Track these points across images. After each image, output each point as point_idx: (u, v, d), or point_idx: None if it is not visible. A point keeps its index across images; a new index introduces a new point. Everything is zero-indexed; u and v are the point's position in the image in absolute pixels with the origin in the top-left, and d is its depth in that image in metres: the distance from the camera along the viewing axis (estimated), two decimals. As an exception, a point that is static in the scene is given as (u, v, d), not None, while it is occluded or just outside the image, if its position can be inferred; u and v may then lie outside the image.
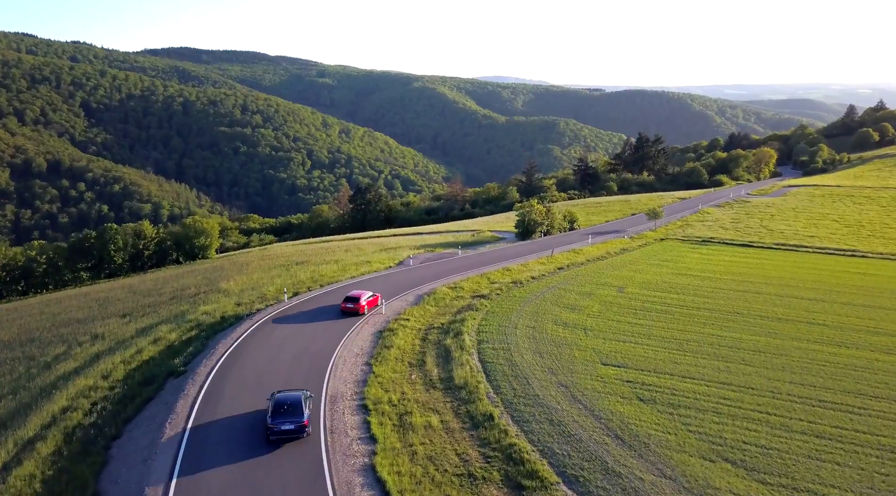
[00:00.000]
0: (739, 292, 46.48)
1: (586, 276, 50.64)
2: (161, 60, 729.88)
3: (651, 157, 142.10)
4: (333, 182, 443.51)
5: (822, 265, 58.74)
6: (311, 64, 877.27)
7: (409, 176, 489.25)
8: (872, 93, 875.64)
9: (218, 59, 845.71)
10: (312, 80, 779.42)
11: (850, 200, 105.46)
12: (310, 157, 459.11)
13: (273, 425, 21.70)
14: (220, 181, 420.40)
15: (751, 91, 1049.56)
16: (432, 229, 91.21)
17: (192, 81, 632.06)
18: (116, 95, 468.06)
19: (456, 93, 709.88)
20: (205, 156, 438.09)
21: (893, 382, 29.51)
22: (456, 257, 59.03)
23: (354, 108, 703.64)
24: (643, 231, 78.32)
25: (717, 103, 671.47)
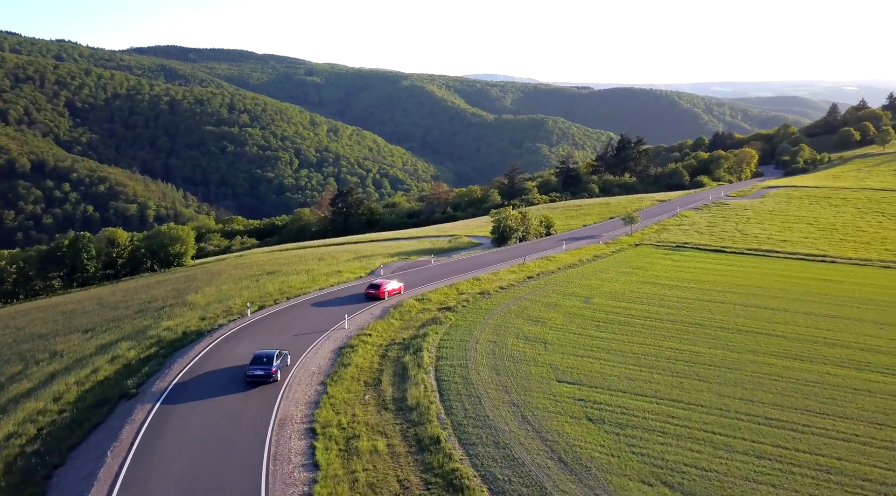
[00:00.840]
0: (705, 302, 46.92)
1: (555, 286, 50.90)
2: (147, 59, 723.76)
3: (633, 159, 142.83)
4: (321, 181, 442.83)
5: (790, 271, 59.40)
6: (300, 62, 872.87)
7: (397, 175, 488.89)
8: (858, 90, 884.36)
9: (205, 58, 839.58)
10: (301, 78, 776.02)
11: (827, 202, 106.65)
12: (297, 157, 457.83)
13: (248, 371, 29.74)
14: (208, 181, 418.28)
15: (739, 88, 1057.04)
16: (411, 234, 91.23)
17: (178, 80, 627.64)
18: (102, 94, 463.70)
19: (445, 91, 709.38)
20: (192, 155, 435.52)
21: (841, 397, 29.96)
22: (428, 265, 59.10)
23: (343, 107, 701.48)
24: (619, 236, 78.79)
25: (704, 101, 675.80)
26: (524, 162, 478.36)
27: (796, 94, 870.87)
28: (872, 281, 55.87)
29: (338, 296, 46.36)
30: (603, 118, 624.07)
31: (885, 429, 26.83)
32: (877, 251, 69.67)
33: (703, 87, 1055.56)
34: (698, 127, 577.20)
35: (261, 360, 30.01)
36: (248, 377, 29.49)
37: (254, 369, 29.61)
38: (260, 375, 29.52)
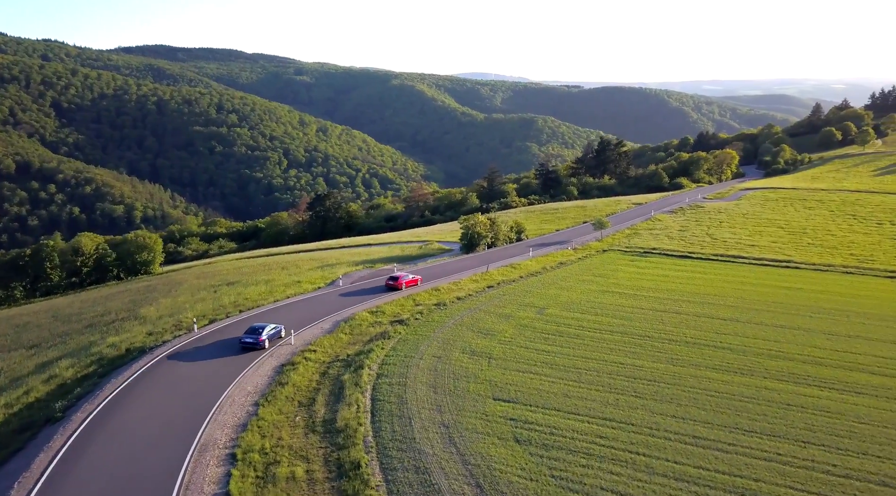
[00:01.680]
0: (659, 312, 47.01)
1: (513, 296, 50.85)
2: (135, 58, 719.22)
3: (613, 160, 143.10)
4: (310, 181, 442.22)
5: (752, 278, 59.65)
6: (289, 61, 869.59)
7: (387, 174, 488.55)
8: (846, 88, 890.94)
9: (194, 57, 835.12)
10: (290, 77, 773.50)
11: (802, 205, 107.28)
12: (286, 157, 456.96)
13: (242, 339, 37.08)
14: (196, 181, 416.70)
15: (728, 86, 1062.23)
16: (385, 239, 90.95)
17: (166, 80, 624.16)
18: (88, 95, 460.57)
19: (435, 90, 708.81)
20: (180, 156, 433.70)
21: (772, 414, 30.06)
22: (392, 274, 58.81)
23: (333, 106, 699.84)
24: (589, 241, 78.89)
25: (693, 100, 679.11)
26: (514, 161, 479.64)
27: (785, 92, 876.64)
28: (831, 288, 56.19)
29: (289, 311, 46.05)
30: (593, 117, 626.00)
31: (808, 447, 26.92)
32: (842, 256, 70.10)
33: (693, 85, 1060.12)
34: (687, 125, 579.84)
35: (253, 331, 37.41)
36: (241, 343, 36.97)
37: (245, 337, 37.17)
38: (249, 343, 36.86)
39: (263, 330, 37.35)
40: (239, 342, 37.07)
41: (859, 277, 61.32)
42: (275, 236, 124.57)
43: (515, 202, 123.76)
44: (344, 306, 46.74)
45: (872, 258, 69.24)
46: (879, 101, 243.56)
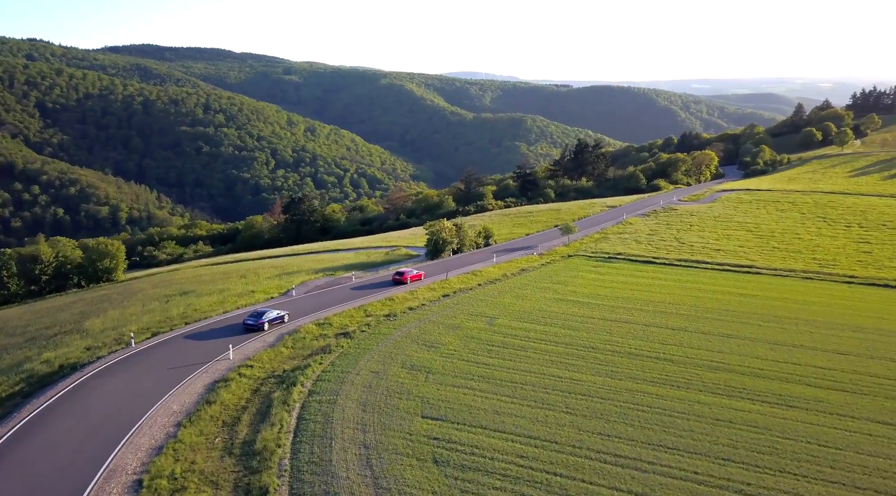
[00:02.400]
0: (609, 321, 46.89)
1: (467, 305, 50.58)
2: (122, 58, 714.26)
3: (591, 162, 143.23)
4: (298, 181, 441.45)
5: (710, 285, 59.70)
6: (278, 61, 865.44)
7: (375, 174, 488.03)
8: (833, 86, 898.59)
9: (182, 57, 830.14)
10: (279, 77, 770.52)
11: (774, 207, 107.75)
12: (274, 157, 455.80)
13: (245, 320, 43.36)
14: (183, 182, 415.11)
15: (716, 85, 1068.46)
16: (354, 244, 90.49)
17: (154, 80, 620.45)
18: (74, 95, 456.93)
19: (424, 89, 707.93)
20: (166, 156, 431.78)
21: (699, 430, 29.93)
22: (349, 283, 58.46)
23: (322, 106, 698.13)
24: (556, 246, 78.83)
25: (682, 99, 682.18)
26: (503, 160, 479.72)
27: (772, 90, 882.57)
28: (786, 294, 56.32)
29: (235, 324, 45.47)
30: (581, 116, 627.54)
31: (727, 465, 26.81)
32: (804, 261, 70.37)
33: (682, 84, 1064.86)
34: (675, 124, 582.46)
35: (255, 315, 43.85)
36: (244, 324, 43.15)
37: (247, 319, 43.45)
38: (251, 324, 42.90)
39: (264, 314, 43.72)
40: (242, 324, 43.83)
41: (817, 283, 61.54)
42: (249, 240, 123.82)
43: (491, 205, 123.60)
44: (293, 317, 46.25)
45: (834, 262, 69.56)
46: (860, 100, 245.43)
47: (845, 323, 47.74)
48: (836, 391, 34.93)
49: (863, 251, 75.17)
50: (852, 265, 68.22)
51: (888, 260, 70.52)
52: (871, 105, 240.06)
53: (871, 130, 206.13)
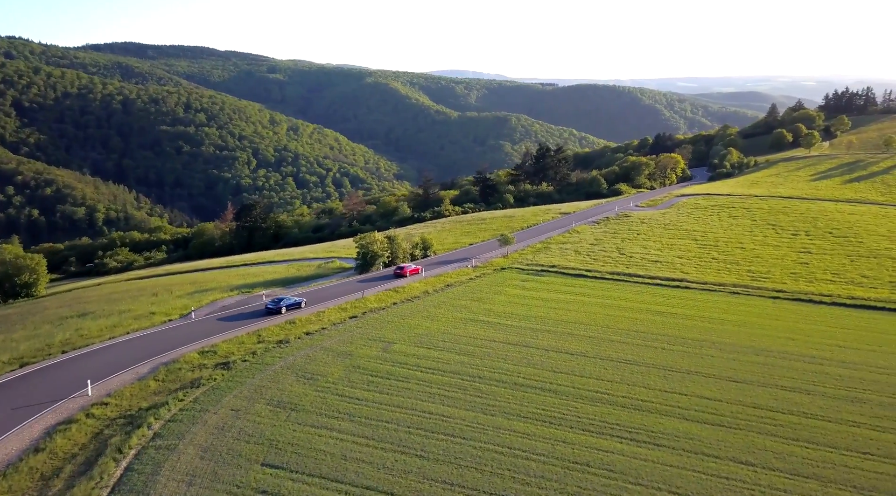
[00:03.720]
0: (510, 345, 45.37)
1: (370, 328, 48.89)
2: (103, 56, 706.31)
3: (552, 167, 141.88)
4: (279, 181, 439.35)
5: (632, 301, 58.37)
6: (262, 59, 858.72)
7: (358, 174, 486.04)
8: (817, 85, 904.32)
9: (164, 55, 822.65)
10: (263, 75, 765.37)
11: (728, 213, 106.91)
12: (255, 156, 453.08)
13: (266, 304, 52.24)
14: (162, 182, 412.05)
15: (702, 83, 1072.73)
16: (291, 255, 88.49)
17: (135, 78, 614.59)
18: (51, 94, 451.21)
19: (409, 88, 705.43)
20: (146, 156, 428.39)
21: (550, 474, 28.32)
22: (260, 302, 56.52)
23: (306, 105, 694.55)
24: (493, 258, 77.37)
25: (666, 97, 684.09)
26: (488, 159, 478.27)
27: (757, 89, 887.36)
28: (705, 312, 55.09)
29: (115, 352, 43.51)
30: (566, 115, 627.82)
31: (560, 521, 25.34)
32: (738, 274, 69.30)
33: (668, 82, 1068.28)
34: (659, 123, 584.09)
35: (275, 300, 52.77)
36: (266, 308, 52.19)
37: (268, 303, 52.56)
38: (271, 308, 51.87)
39: (282, 300, 52.89)
40: (265, 307, 52.62)
41: (743, 299, 60.40)
42: (200, 248, 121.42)
43: (448, 211, 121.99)
44: (178, 344, 44.36)
45: (768, 275, 68.54)
46: (833, 101, 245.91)
47: (753, 344, 46.52)
48: (711, 426, 33.59)
49: (800, 262, 74.26)
50: (784, 278, 67.22)
51: (822, 272, 69.62)
52: (843, 106, 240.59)
53: (841, 132, 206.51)
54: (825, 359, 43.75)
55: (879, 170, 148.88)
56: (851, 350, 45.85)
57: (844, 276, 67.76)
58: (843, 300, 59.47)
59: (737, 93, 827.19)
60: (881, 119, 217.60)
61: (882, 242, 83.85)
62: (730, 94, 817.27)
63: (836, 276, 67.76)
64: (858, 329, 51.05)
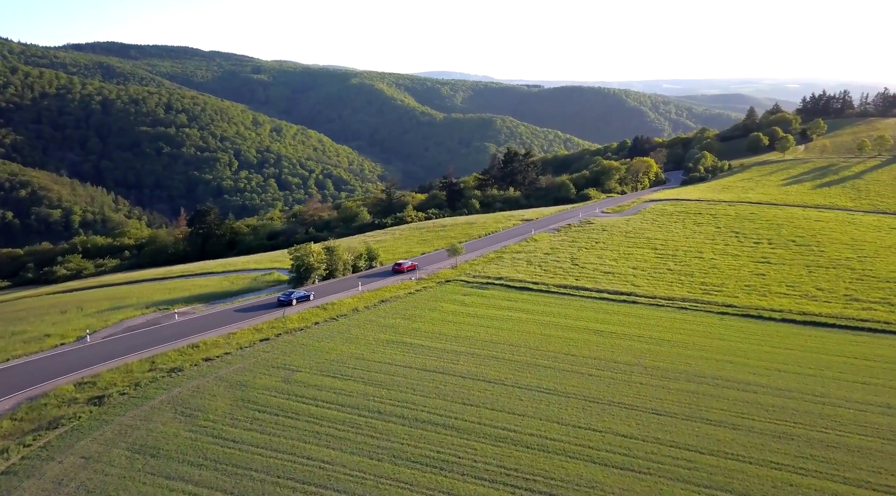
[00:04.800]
0: (427, 372, 41.83)
1: (279, 353, 45.16)
2: (84, 56, 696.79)
3: (520, 172, 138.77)
4: (261, 182, 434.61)
5: (572, 319, 55.02)
6: (247, 59, 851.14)
7: (341, 175, 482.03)
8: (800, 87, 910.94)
9: (147, 55, 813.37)
10: (247, 76, 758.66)
11: (693, 220, 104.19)
12: (237, 158, 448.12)
13: (279, 297, 57.15)
14: (142, 183, 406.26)
15: (687, 86, 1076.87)
16: (233, 265, 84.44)
17: (116, 78, 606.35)
18: (28, 94, 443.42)
19: (394, 89, 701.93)
20: (125, 157, 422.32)
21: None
22: (171, 322, 52.59)
23: (290, 106, 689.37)
24: (441, 269, 73.92)
25: (651, 99, 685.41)
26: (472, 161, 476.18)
27: (741, 91, 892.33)
28: (646, 331, 51.88)
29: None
30: (552, 117, 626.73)
31: None
32: (690, 286, 66.27)
33: (654, 84, 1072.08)
34: (645, 125, 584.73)
35: (287, 293, 56.91)
36: (278, 300, 56.60)
37: (281, 296, 56.90)
38: (282, 300, 56.32)
39: (293, 293, 57.46)
40: (277, 300, 57.33)
41: (691, 315, 57.31)
42: (152, 256, 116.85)
43: (410, 217, 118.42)
44: (57, 374, 40.35)
45: (721, 288, 65.58)
46: (810, 104, 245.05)
47: (687, 369, 43.35)
48: (618, 470, 30.24)
49: (757, 273, 71.44)
50: (737, 291, 64.29)
51: (777, 284, 66.80)
52: (820, 109, 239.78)
53: (817, 135, 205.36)
54: (760, 386, 40.66)
55: (851, 174, 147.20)
56: (791, 374, 42.82)
57: (799, 289, 64.98)
58: (794, 316, 56.58)
59: (721, 95, 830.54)
60: (857, 122, 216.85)
61: (843, 251, 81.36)
62: (714, 96, 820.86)
63: (791, 289, 64.96)
64: (803, 349, 48.10)
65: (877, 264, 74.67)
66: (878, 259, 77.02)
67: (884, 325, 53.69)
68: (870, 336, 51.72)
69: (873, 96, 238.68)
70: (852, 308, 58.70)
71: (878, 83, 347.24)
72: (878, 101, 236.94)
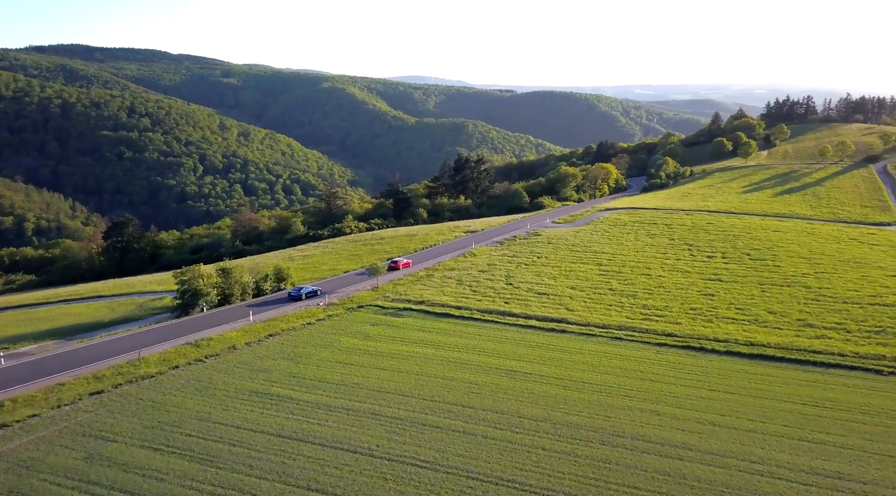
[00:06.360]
0: (280, 439, 33.45)
1: (102, 412, 36.29)
2: (47, 58, 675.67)
3: (472, 179, 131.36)
4: (227, 188, 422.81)
5: (485, 354, 47.14)
6: (217, 63, 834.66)
7: (310, 180, 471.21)
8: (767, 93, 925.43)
9: (113, 58, 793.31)
10: (217, 79, 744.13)
11: (646, 231, 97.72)
12: (202, 162, 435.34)
13: (289, 292, 62.74)
14: (102, 189, 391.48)
15: (659, 91, 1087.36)
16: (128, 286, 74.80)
17: (80, 81, 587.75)
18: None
19: (366, 93, 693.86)
20: (85, 162, 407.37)
21: None
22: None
23: (261, 110, 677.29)
24: (361, 291, 65.71)
25: (622, 104, 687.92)
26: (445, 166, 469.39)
27: (711, 97, 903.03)
28: (569, 370, 44.19)
29: None
30: (524, 121, 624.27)
31: None
32: (630, 310, 59.06)
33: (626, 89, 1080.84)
34: (616, 130, 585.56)
35: (297, 289, 62.21)
36: (289, 295, 61.85)
37: (291, 292, 62.10)
38: (294, 295, 61.28)
39: (303, 289, 61.76)
40: (288, 295, 61.39)
41: (624, 346, 49.89)
42: (63, 272, 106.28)
43: (350, 227, 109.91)
44: None
45: (664, 312, 58.47)
46: (775, 109, 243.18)
47: (605, 425, 35.64)
48: None
49: (706, 293, 64.62)
50: (681, 316, 57.22)
51: (726, 306, 59.98)
52: (784, 114, 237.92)
53: (780, 141, 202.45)
54: (688, 449, 33.19)
55: (812, 181, 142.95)
56: (727, 430, 35.50)
57: (749, 312, 58.22)
58: (740, 347, 49.61)
59: (692, 100, 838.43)
60: (819, 128, 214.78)
61: (800, 266, 75.27)
62: (685, 101, 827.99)
63: (740, 313, 58.17)
64: (745, 393, 40.94)
65: (834, 281, 68.56)
66: (835, 275, 70.99)
67: (838, 358, 46.94)
68: (822, 372, 44.88)
69: (836, 102, 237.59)
70: (805, 335, 52.01)
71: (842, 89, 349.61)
72: (840, 107, 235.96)
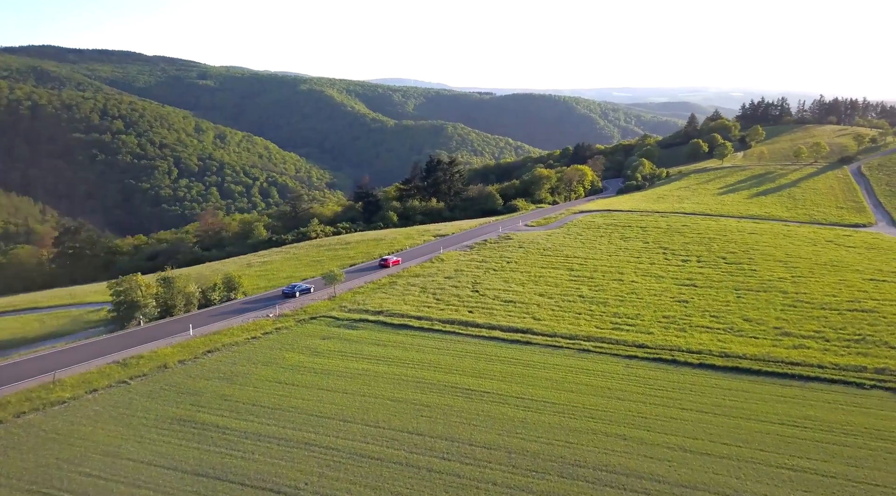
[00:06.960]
0: (194, 478, 29.42)
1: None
2: (17, 59, 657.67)
3: (445, 181, 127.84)
4: (202, 191, 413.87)
5: (442, 371, 43.53)
6: (193, 65, 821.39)
7: (287, 182, 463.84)
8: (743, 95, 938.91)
9: (87, 59, 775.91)
10: (192, 81, 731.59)
11: (620, 235, 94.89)
12: (177, 165, 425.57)
13: (283, 290, 63.24)
14: (73, 193, 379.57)
15: (637, 94, 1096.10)
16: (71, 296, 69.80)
17: (51, 83, 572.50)
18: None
19: (345, 95, 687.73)
20: (56, 165, 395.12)
21: None
22: None
23: (238, 112, 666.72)
24: (317, 300, 61.60)
25: (601, 106, 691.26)
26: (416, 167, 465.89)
27: (688, 99, 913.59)
28: (531, 388, 40.70)
29: None
30: (503, 124, 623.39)
31: None
32: (600, 319, 55.88)
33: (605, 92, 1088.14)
34: (594, 132, 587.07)
35: (291, 286, 63.37)
36: (283, 293, 62.57)
37: (285, 289, 63.17)
38: (287, 292, 62.31)
39: (297, 286, 63.37)
40: (282, 292, 62.56)
41: (592, 359, 46.60)
42: (10, 281, 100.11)
43: (316, 232, 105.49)
44: None
45: (635, 320, 55.38)
46: (750, 111, 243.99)
47: (564, 454, 32.19)
48: None
49: (679, 300, 61.75)
50: (653, 325, 54.18)
51: (700, 314, 57.14)
52: (759, 116, 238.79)
53: (756, 142, 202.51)
54: (657, 480, 29.89)
55: (787, 182, 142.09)
56: (699, 457, 32.29)
57: (724, 320, 55.44)
58: (714, 358, 46.65)
59: (669, 102, 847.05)
60: (794, 129, 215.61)
61: (777, 270, 72.95)
62: (663, 103, 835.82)
63: (715, 320, 55.37)
64: (719, 412, 37.84)
65: (811, 285, 66.25)
66: (812, 279, 68.73)
67: (817, 371, 44.18)
68: (800, 386, 42.05)
69: (810, 104, 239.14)
70: (782, 345, 49.27)
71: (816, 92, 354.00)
72: (814, 109, 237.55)
